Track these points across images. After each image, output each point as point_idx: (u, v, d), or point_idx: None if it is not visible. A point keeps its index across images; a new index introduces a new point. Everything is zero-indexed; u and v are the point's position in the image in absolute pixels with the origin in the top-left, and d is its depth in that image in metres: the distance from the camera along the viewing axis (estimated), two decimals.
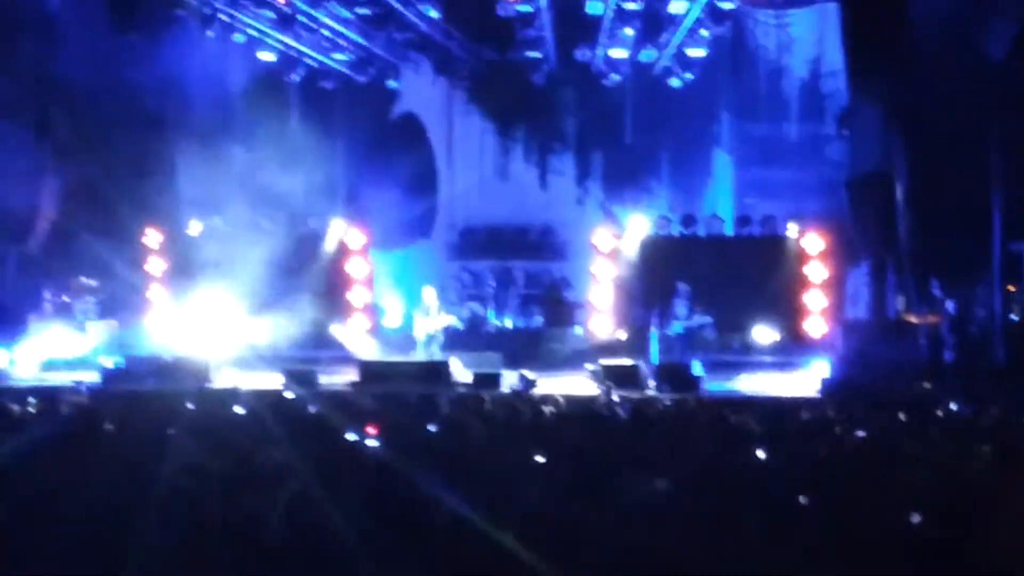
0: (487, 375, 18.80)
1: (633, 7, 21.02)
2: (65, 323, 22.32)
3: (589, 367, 19.45)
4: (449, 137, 26.95)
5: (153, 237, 23.66)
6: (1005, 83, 18.55)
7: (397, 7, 21.96)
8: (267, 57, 24.15)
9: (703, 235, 23.30)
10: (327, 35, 23.64)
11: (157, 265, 23.72)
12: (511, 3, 21.21)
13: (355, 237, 23.50)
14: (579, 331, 23.44)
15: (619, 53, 23.55)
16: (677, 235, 23.37)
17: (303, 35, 23.44)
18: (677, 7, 21.10)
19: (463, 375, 19.20)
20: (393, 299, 24.46)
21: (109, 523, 6.36)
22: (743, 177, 25.66)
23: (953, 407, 12.90)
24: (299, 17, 22.34)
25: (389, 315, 24.27)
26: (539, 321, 24.34)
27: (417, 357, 20.41)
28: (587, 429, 10.79)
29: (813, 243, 22.20)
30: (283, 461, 7.85)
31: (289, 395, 15.19)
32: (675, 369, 18.97)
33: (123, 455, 8.15)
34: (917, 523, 6.56)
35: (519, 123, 26.51)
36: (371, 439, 9.00)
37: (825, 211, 23.13)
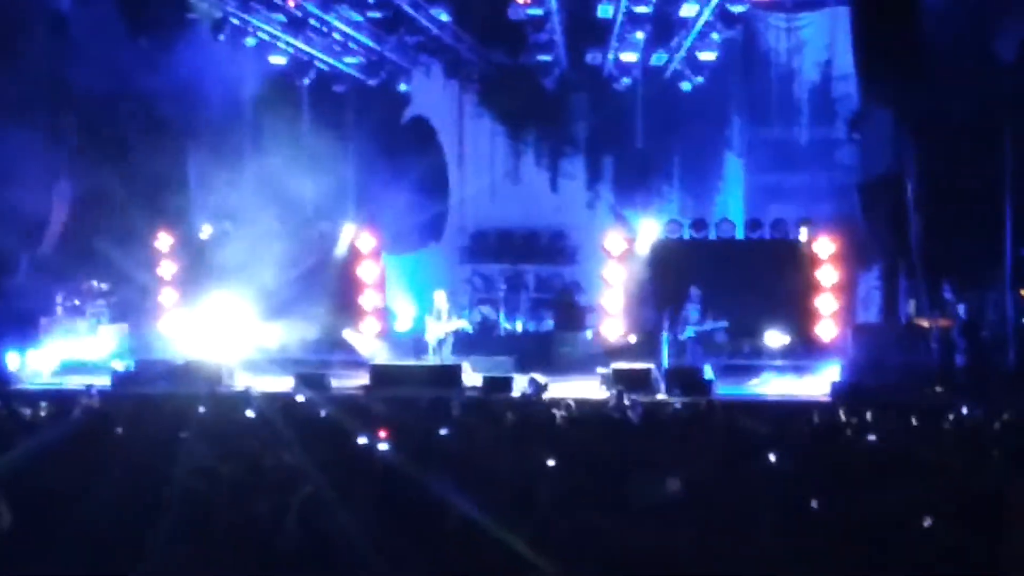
0: (498, 379, 18.80)
1: (644, 10, 21.00)
2: (77, 326, 22.39)
3: (600, 371, 19.44)
4: (460, 141, 26.89)
5: (165, 241, 23.67)
6: (1016, 85, 18.51)
7: (408, 10, 22.00)
8: (278, 61, 24.16)
9: (714, 239, 23.23)
10: (338, 38, 23.68)
11: (168, 269, 23.73)
12: (522, 7, 21.23)
13: (366, 241, 23.49)
14: (590, 335, 23.43)
15: (630, 57, 23.53)
16: (688, 239, 23.29)
17: (314, 39, 23.48)
18: (688, 10, 21.11)
19: (474, 379, 19.21)
20: (404, 303, 24.44)
21: (120, 526, 6.38)
22: (754, 181, 25.57)
23: (964, 411, 12.88)
24: (310, 21, 22.40)
25: (400, 319, 24.26)
26: (550, 325, 24.34)
27: (428, 361, 20.44)
28: (598, 433, 10.81)
29: (824, 247, 22.13)
30: (294, 464, 7.88)
31: (300, 399, 15.23)
32: (686, 373, 18.97)
33: (134, 458, 8.17)
34: (928, 527, 6.56)
35: (530, 127, 26.46)
36: (382, 443, 9.00)
37: (836, 215, 23.06)
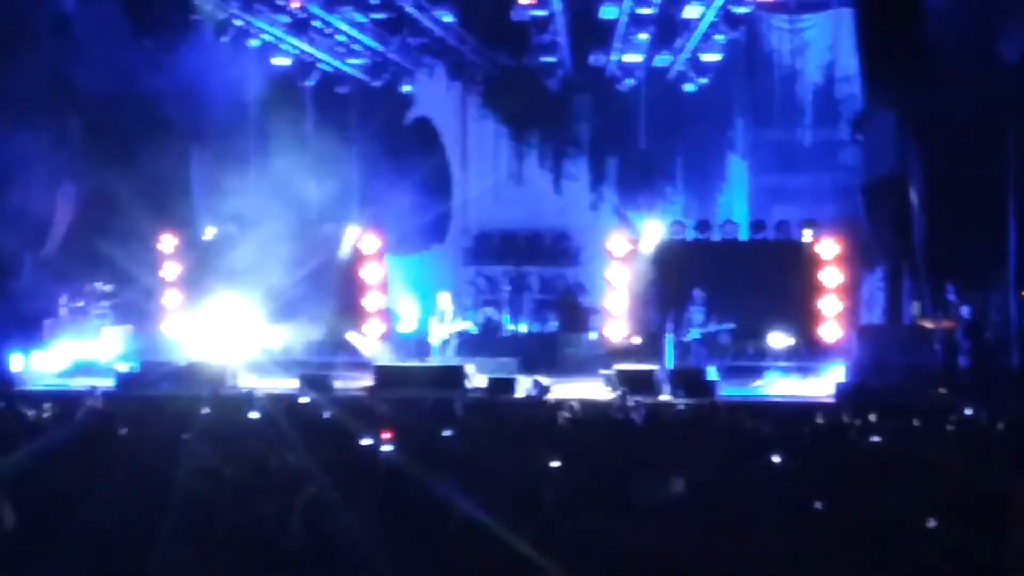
0: (502, 380, 18.80)
1: (648, 12, 20.98)
2: (81, 328, 22.41)
3: (604, 372, 19.45)
4: (463, 142, 26.90)
5: (168, 242, 23.65)
6: (1019, 87, 18.49)
7: (411, 12, 21.99)
8: (282, 62, 24.20)
9: (718, 240, 23.21)
10: (342, 40, 23.65)
11: (172, 270, 23.72)
12: (525, 8, 21.21)
13: (370, 242, 23.46)
14: (594, 336, 23.45)
15: (633, 58, 23.54)
16: (692, 240, 23.25)
17: (317, 40, 23.47)
18: (692, 12, 21.07)
19: (478, 380, 19.21)
20: (408, 304, 24.41)
21: (124, 527, 6.38)
22: (758, 182, 25.57)
23: (967, 412, 12.87)
24: (313, 22, 22.38)
25: (404, 320, 24.23)
26: (554, 326, 24.39)
27: (432, 362, 20.45)
28: (602, 434, 10.82)
29: (828, 248, 22.09)
30: (298, 466, 7.89)
31: (304, 400, 15.21)
32: (690, 374, 18.97)
33: (138, 460, 8.18)
34: (931, 528, 6.55)
35: (533, 128, 26.44)
36: (386, 444, 9.01)
37: (840, 216, 23.05)
